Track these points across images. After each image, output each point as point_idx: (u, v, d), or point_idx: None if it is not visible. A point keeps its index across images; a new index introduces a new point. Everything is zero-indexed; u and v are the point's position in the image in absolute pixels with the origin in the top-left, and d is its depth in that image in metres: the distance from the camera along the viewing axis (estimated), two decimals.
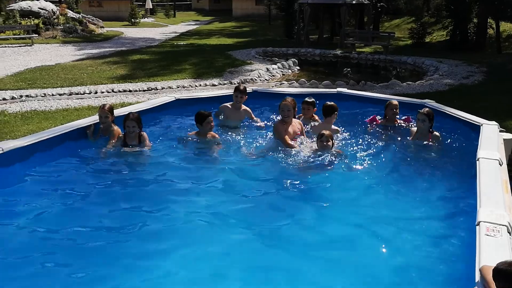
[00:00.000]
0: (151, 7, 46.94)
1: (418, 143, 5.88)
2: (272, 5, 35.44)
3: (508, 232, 3.32)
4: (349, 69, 14.56)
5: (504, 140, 5.69)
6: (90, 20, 28.02)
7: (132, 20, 35.44)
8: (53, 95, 10.47)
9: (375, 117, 6.76)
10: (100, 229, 3.97)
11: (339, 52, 19.84)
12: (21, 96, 10.24)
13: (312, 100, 6.58)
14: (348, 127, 6.44)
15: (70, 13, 26.04)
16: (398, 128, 6.63)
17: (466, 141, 5.94)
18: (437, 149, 5.80)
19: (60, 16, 24.48)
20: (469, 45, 19.60)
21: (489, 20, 19.87)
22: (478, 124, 6.12)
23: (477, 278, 2.86)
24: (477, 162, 4.76)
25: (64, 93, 10.61)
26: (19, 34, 21.13)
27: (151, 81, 12.39)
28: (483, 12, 19.36)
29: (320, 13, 24.46)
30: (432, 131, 5.90)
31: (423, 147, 5.81)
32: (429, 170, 5.34)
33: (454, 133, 6.29)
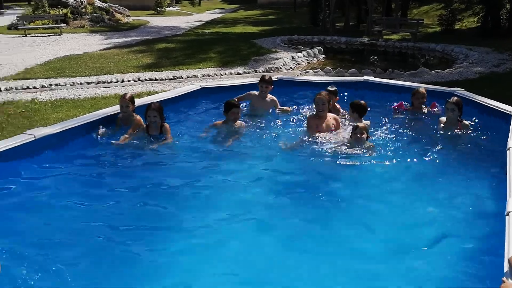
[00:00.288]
0: None
1: (447, 132, 5.77)
2: None
3: None
4: (376, 57, 14.27)
5: None
6: (116, 9, 28.25)
7: (158, 9, 35.63)
8: (81, 83, 10.66)
9: (402, 104, 6.68)
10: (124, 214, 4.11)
11: (365, 39, 19.50)
12: (51, 85, 10.47)
13: (335, 89, 6.59)
14: (376, 117, 6.37)
15: (97, 3, 26.33)
16: (426, 115, 6.53)
17: (497, 130, 5.80)
18: (467, 138, 5.69)
19: (87, 6, 24.79)
20: (501, 31, 19.00)
21: None
22: (509, 113, 5.97)
23: (505, 269, 2.83)
24: (507, 151, 4.67)
25: (92, 82, 10.79)
26: (48, 24, 21.48)
27: (176, 70, 12.46)
28: None
29: (346, 0, 24.10)
30: (462, 120, 5.79)
31: (453, 137, 5.71)
32: (460, 159, 5.23)
33: (484, 122, 6.15)
